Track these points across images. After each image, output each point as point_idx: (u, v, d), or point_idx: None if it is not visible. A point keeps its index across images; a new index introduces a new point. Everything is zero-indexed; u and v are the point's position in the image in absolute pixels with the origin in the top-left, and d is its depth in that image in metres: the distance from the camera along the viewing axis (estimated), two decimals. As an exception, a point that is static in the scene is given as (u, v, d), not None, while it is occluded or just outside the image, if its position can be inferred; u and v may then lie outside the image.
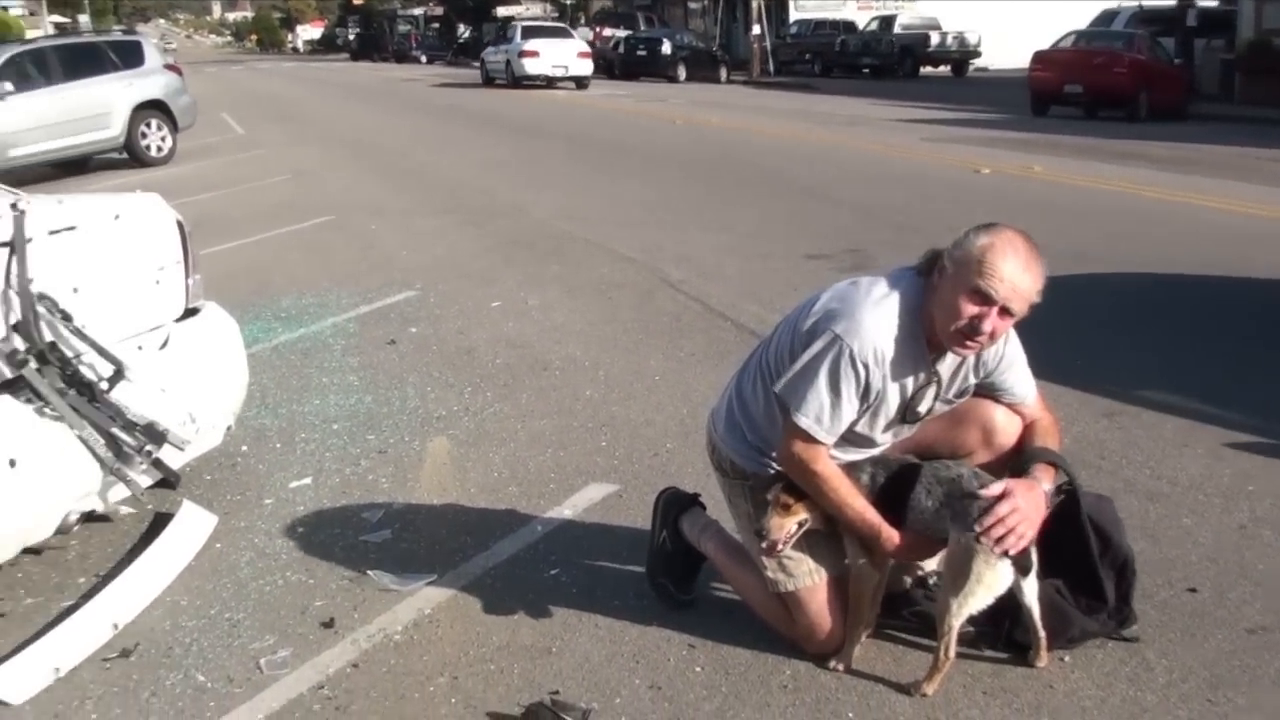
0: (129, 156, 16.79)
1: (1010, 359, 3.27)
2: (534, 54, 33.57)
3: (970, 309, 2.98)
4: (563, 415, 5.62)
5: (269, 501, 4.72)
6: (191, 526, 4.37)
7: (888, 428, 3.25)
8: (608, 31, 45.27)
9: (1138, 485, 4.62)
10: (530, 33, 35.16)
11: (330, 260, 9.60)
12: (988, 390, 3.31)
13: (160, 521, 4.43)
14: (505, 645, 3.56)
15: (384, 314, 7.72)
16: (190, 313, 4.64)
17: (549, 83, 33.81)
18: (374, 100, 30.52)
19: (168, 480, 4.16)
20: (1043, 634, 3.32)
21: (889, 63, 39.04)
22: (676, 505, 3.78)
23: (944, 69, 40.93)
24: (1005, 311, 2.99)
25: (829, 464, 3.17)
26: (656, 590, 3.77)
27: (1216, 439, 5.10)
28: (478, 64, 40.00)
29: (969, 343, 3.05)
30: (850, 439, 3.22)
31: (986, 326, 2.99)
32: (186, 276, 4.59)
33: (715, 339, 6.85)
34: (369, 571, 4.04)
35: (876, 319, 3.07)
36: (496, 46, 37.17)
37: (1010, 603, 3.25)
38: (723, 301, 7.64)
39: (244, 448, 5.27)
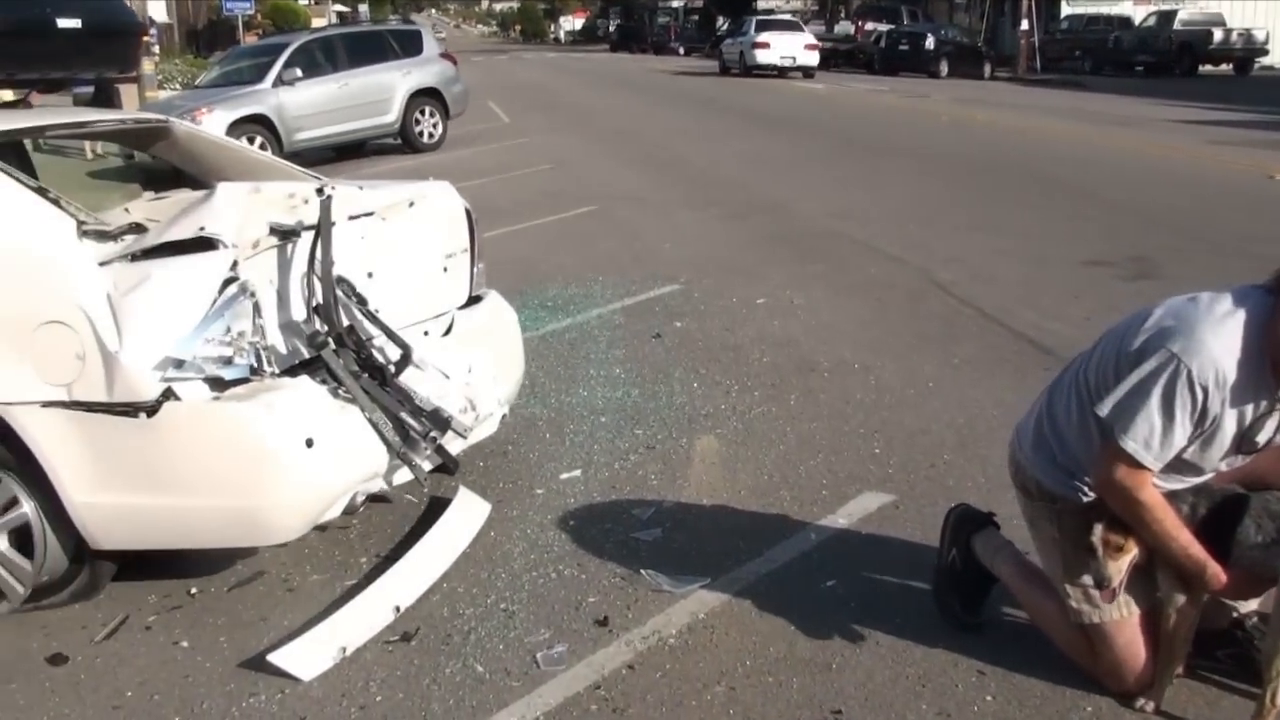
0: (402, 142, 17.44)
1: None
2: (765, 45, 35.62)
3: None
4: (833, 419, 5.47)
5: (540, 492, 4.74)
6: (467, 513, 4.41)
7: (1221, 458, 2.98)
8: (870, 25, 44.48)
9: None
10: (763, 26, 37.33)
11: (593, 250, 9.69)
12: (1332, 422, 3.00)
13: (437, 506, 4.49)
14: (783, 657, 3.45)
15: (648, 307, 7.72)
16: (474, 300, 4.71)
17: (780, 72, 35.63)
18: (633, 91, 30.86)
19: (446, 466, 4.21)
20: (1381, 688, 2.99)
21: (1165, 60, 37.06)
22: (970, 523, 3.59)
23: (1225, 67, 38.61)
24: None
25: (1153, 493, 2.93)
26: (942, 610, 3.59)
27: None
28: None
29: None
30: (1175, 466, 2.97)
31: None
32: (473, 264, 4.65)
33: (990, 345, 6.55)
34: (642, 570, 4.00)
35: (1219, 338, 2.81)
36: (733, 38, 39.39)
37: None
38: (997, 307, 7.32)
39: (515, 436, 5.32)
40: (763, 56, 35.52)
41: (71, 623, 3.82)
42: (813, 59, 35.95)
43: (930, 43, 38.14)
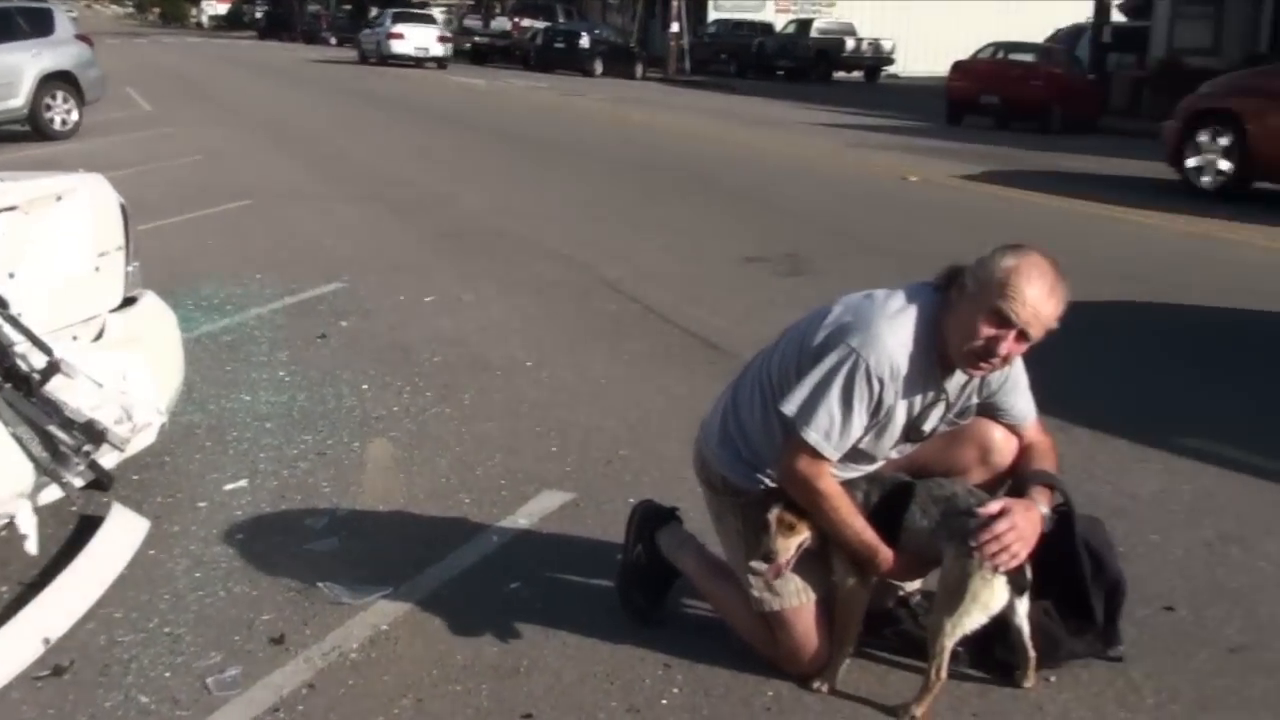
0: (31, 129, 16.16)
1: (1014, 380, 3.18)
2: (399, 36, 38.74)
3: (988, 330, 2.88)
4: (509, 418, 5.43)
5: (203, 505, 4.47)
6: (122, 532, 4.10)
7: (892, 446, 3.13)
8: (526, 22, 44.84)
9: (1100, 500, 4.54)
10: (399, 18, 40.20)
11: (251, 247, 9.28)
12: (988, 410, 3.22)
13: (88, 526, 4.15)
14: (470, 664, 3.37)
15: (312, 306, 7.45)
16: (128, 302, 4.39)
17: (417, 63, 38.33)
18: (285, 80, 29.87)
19: (100, 482, 3.89)
20: (1032, 655, 3.23)
21: (804, 65, 39.24)
22: (653, 519, 3.62)
23: (857, 74, 41.27)
24: (1023, 336, 2.90)
25: (832, 481, 3.04)
26: (628, 606, 3.61)
27: (1170, 455, 5.08)
28: None
29: (982, 364, 2.95)
30: (851, 456, 3.10)
31: (1002, 349, 2.90)
32: (127, 264, 4.33)
33: (658, 342, 6.69)
34: (318, 583, 3.82)
35: (893, 333, 2.95)
36: (371, 29, 42.08)
37: (997, 623, 3.16)
38: (663, 303, 7.49)
39: (173, 446, 4.98)
40: (397, 47, 38.47)
41: None
42: (445, 49, 39.51)
43: (585, 41, 38.89)
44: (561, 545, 4.15)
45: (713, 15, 45.57)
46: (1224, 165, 12.64)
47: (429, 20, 41.79)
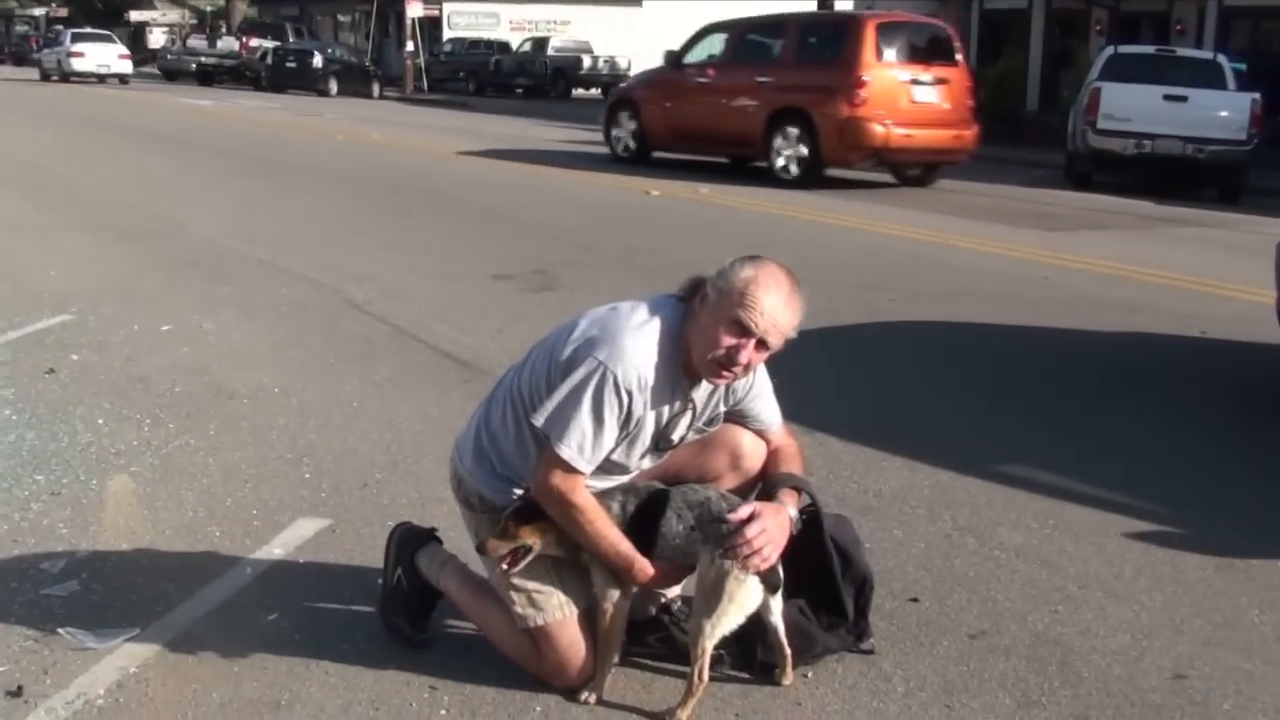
0: None
1: (759, 388, 3.30)
2: (80, 54, 40.51)
3: (728, 340, 2.97)
4: (258, 447, 5.27)
5: (-77, 555, 4.18)
6: None
7: (642, 455, 3.19)
8: (255, 41, 43.67)
9: (847, 499, 4.77)
10: (78, 38, 42.15)
11: (-35, 281, 8.71)
12: (736, 417, 3.32)
13: None
14: (228, 701, 3.25)
15: (37, 340, 7.04)
16: None
17: (100, 79, 40.19)
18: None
19: None
20: (788, 652, 3.34)
21: (542, 83, 39.60)
22: (412, 541, 3.58)
23: (595, 91, 41.89)
24: (762, 344, 3.01)
25: (586, 495, 3.08)
26: (390, 631, 3.56)
27: (910, 453, 5.35)
28: None
29: (724, 373, 3.04)
30: (604, 467, 3.14)
31: (743, 358, 2.99)
32: None
33: (410, 362, 6.63)
34: (59, 630, 3.61)
35: (639, 345, 3.01)
36: (51, 48, 43.54)
37: (756, 624, 3.27)
38: (413, 323, 7.42)
39: (-114, 494, 4.65)
40: (79, 64, 40.26)
41: None
42: (126, 67, 41.66)
43: (318, 60, 38.22)
44: (319, 573, 4.06)
45: (448, 34, 45.47)
46: (632, 142, 17.90)
47: (109, 39, 43.34)
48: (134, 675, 3.38)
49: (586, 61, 40.81)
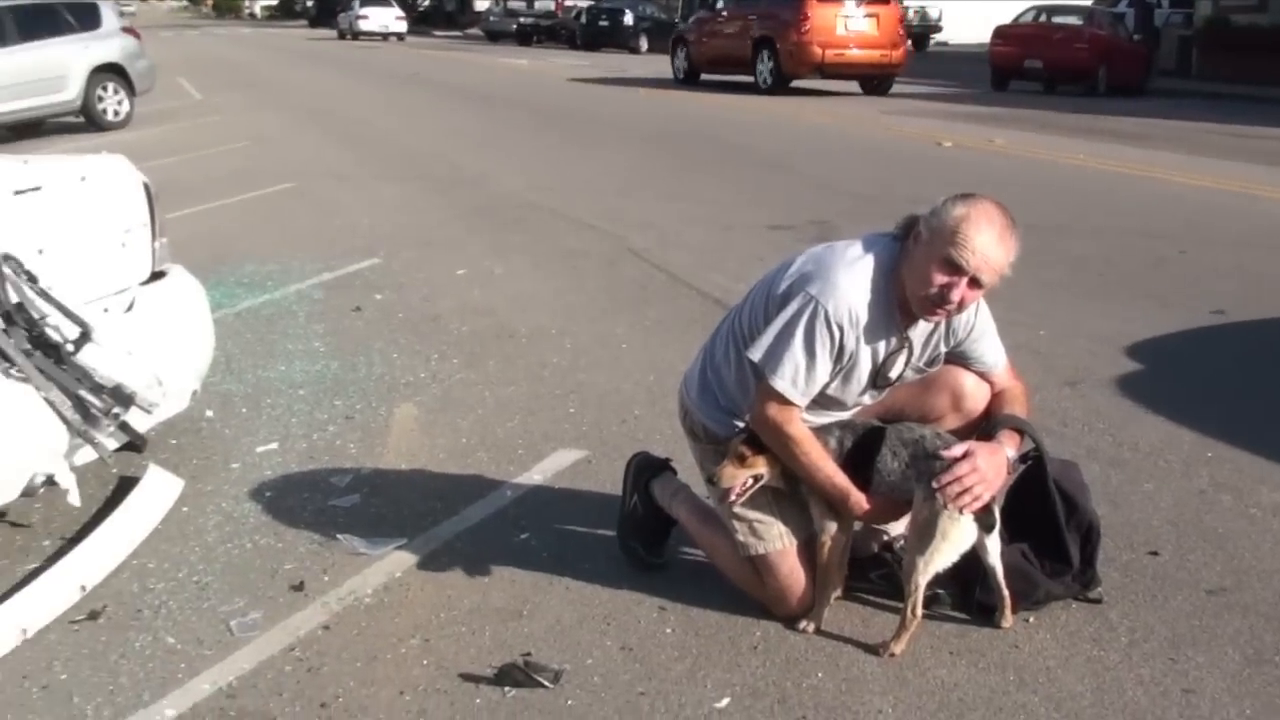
0: (85, 120, 16.57)
1: (981, 329, 3.30)
2: (365, 17, 49.01)
3: (940, 278, 3.01)
4: (530, 382, 5.62)
5: (235, 466, 4.70)
6: (158, 490, 4.34)
7: (860, 392, 3.28)
8: (570, 1, 44.98)
9: (1100, 452, 4.68)
10: (365, 2, 50.05)
11: (292, 227, 9.54)
12: (958, 358, 3.34)
13: (126, 485, 4.40)
14: (476, 608, 3.57)
15: (348, 281, 7.68)
16: (156, 276, 4.61)
17: (383, 37, 48.52)
18: (331, 66, 30.22)
19: (134, 444, 4.14)
20: (1007, 595, 3.37)
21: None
22: (648, 469, 3.80)
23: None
24: (975, 282, 3.02)
25: (801, 427, 3.20)
26: (627, 554, 3.79)
27: (1177, 407, 5.17)
28: (439, 33, 50.31)
29: (938, 310, 3.08)
30: (821, 402, 3.25)
31: (955, 296, 3.02)
32: (153, 239, 4.55)
33: (680, 307, 6.86)
34: (338, 535, 4.04)
35: (851, 280, 3.09)
36: (345, 13, 51.49)
37: (975, 565, 3.31)
38: (687, 270, 7.65)
39: (209, 413, 5.24)
40: (364, 25, 48.64)
41: None
42: (402, 27, 49.60)
43: (629, 19, 38.92)
44: (571, 499, 4.34)
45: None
46: (684, 66, 24.69)
47: (387, 3, 51.03)
48: (398, 579, 3.75)
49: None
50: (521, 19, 46.49)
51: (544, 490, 4.44)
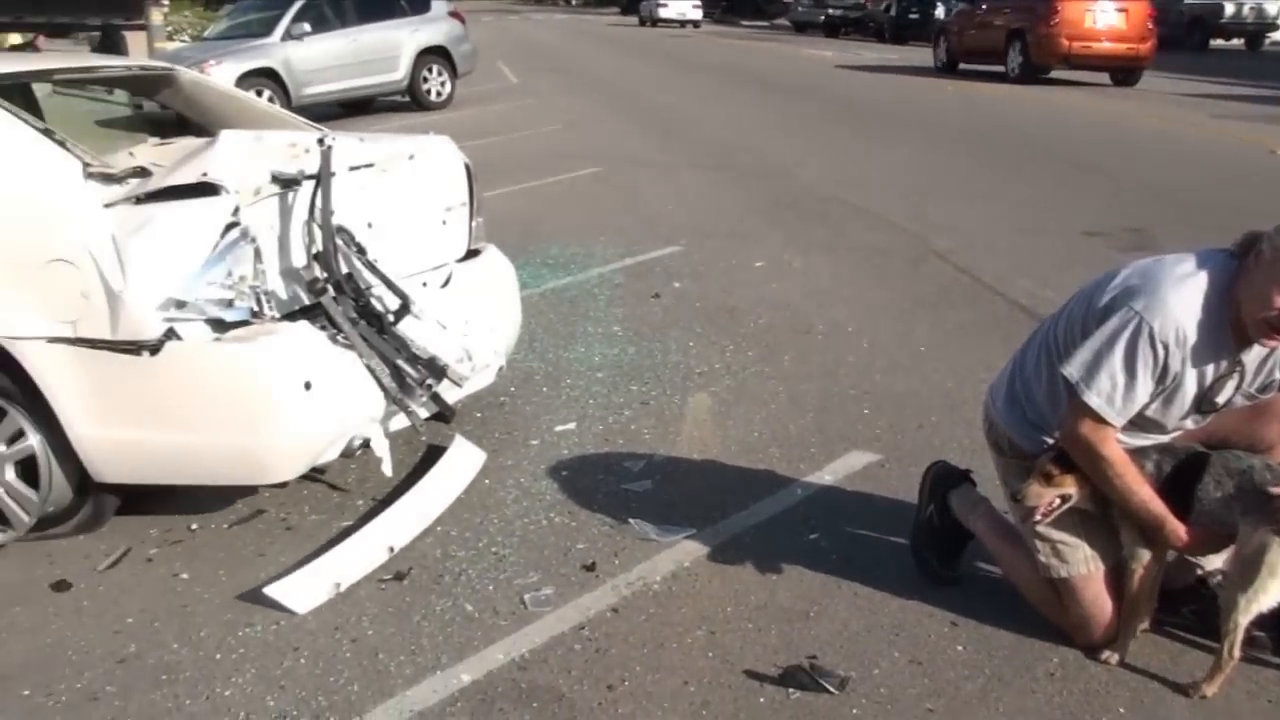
0: (410, 99, 17.50)
1: None
2: (664, 5, 51.76)
3: None
4: (825, 380, 5.56)
5: (535, 443, 4.84)
6: (462, 460, 4.52)
7: (1182, 416, 3.07)
8: (880, -7, 44.30)
9: None
10: None
11: (597, 211, 9.77)
12: (1296, 386, 3.09)
13: (433, 453, 4.60)
14: (763, 605, 3.55)
15: (649, 267, 7.80)
16: (472, 254, 4.80)
17: (680, 24, 50.86)
18: (642, 54, 30.80)
19: (443, 414, 4.32)
20: (1339, 647, 3.10)
21: (1176, 35, 36.87)
22: (946, 480, 3.69)
23: (1237, 42, 38.45)
24: None
25: (1116, 448, 3.02)
26: (919, 564, 3.69)
27: None
28: (746, 23, 51.64)
29: (1275, 335, 2.84)
30: (1139, 423, 3.06)
31: None
32: (471, 218, 4.73)
33: (984, 313, 6.64)
34: (630, 520, 4.10)
35: (1180, 298, 2.90)
36: (646, 2, 54.36)
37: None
38: (993, 274, 7.40)
39: (512, 389, 5.42)
40: (663, 13, 51.71)
41: (75, 553, 3.95)
42: (697, 14, 51.96)
43: (941, 12, 37.96)
44: (863, 502, 4.27)
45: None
46: (944, 57, 25.52)
47: None
48: (686, 569, 3.77)
49: (1229, 9, 37.49)
50: (830, 10, 46.11)
51: (835, 491, 4.37)
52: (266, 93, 14.70)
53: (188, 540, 4.05)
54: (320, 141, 4.01)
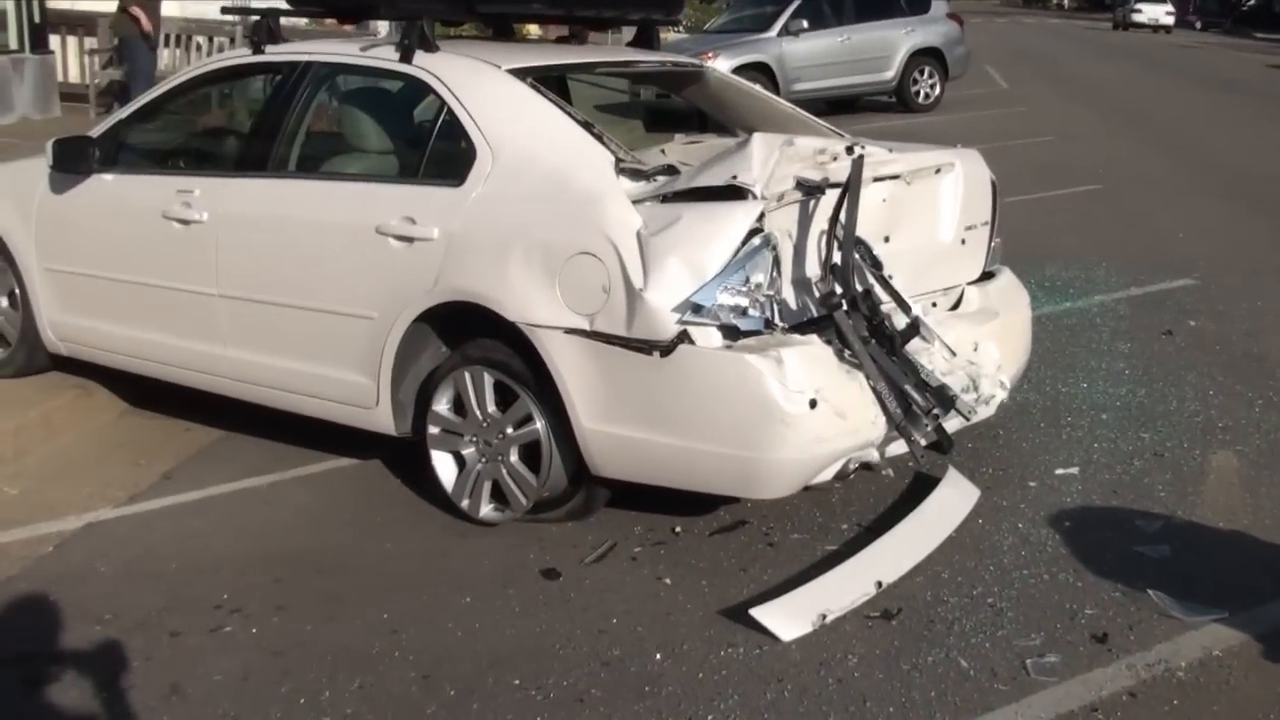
0: (896, 100, 17.24)
1: None
2: (1138, 10, 51.35)
3: None
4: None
5: (1033, 485, 4.47)
6: (956, 496, 4.22)
7: None
8: None
9: None
10: None
11: (1096, 232, 9.12)
12: None
13: (921, 483, 4.34)
14: (1303, 717, 3.04)
15: (1158, 300, 7.14)
16: (986, 276, 4.49)
17: (1153, 29, 48.97)
18: (1141, 64, 28.91)
19: (940, 445, 4.03)
20: None
21: None
22: None
23: None
24: None
25: None
26: None
27: None
28: (1260, 35, 47.09)
29: None
30: None
31: None
32: (990, 238, 4.43)
33: None
34: (1148, 590, 3.65)
35: None
36: (1120, 7, 53.92)
37: None
38: None
39: (1007, 421, 5.03)
40: (1137, 18, 51.14)
41: (564, 541, 4.00)
42: (1169, 21, 50.50)
43: None
44: None
45: None
46: None
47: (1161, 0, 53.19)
48: (1217, 658, 3.31)
49: None
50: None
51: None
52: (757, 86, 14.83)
53: (670, 543, 4.01)
54: (849, 150, 3.83)
